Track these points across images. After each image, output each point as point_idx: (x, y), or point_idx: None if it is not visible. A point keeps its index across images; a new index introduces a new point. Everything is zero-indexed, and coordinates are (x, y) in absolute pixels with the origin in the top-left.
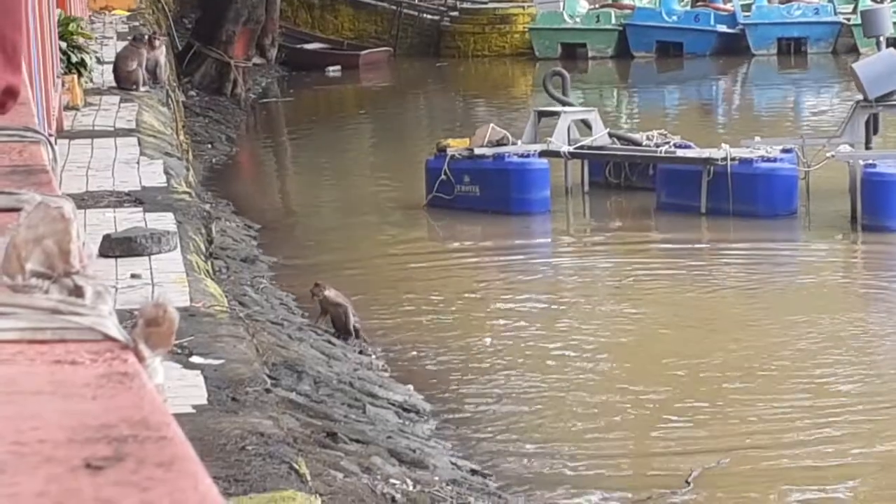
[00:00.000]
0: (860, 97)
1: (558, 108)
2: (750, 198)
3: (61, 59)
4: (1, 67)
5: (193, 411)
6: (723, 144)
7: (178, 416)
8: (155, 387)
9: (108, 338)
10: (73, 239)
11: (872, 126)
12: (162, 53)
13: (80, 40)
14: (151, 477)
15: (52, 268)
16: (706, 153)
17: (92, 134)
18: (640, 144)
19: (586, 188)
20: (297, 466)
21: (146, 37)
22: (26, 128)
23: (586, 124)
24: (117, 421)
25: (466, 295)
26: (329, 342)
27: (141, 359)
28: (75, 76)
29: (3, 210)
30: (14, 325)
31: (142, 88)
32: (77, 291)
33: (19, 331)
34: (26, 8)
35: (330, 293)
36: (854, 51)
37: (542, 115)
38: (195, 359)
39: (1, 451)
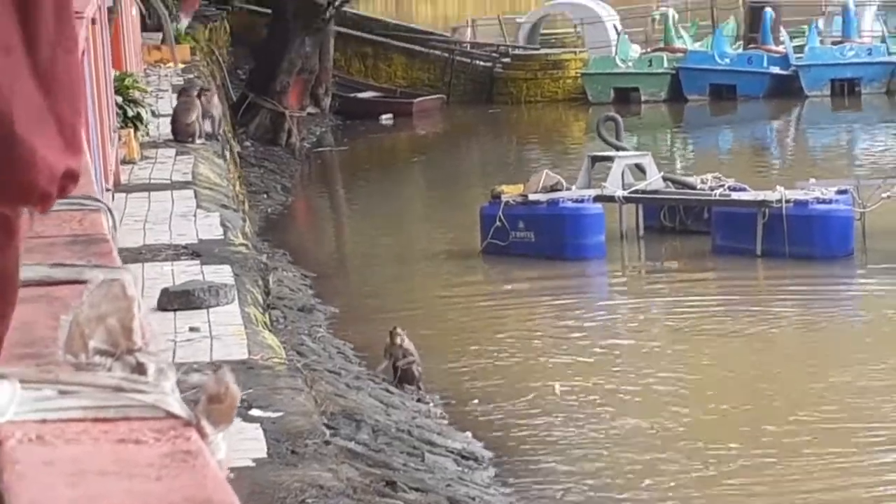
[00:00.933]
0: None
1: (612, 153)
2: (806, 239)
3: (117, 114)
4: (61, 152)
5: (253, 465)
6: (777, 186)
7: (237, 470)
8: (217, 463)
9: (171, 415)
10: (136, 316)
11: None
12: (214, 106)
13: (136, 94)
14: None
15: (115, 345)
16: (761, 196)
17: (149, 187)
18: (694, 188)
19: (641, 232)
20: None
21: (199, 88)
22: (86, 196)
23: (640, 169)
24: (181, 501)
25: (523, 341)
26: (387, 391)
27: (203, 436)
28: (131, 130)
29: (66, 283)
30: (78, 403)
31: (198, 141)
32: (140, 369)
33: (83, 409)
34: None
35: (405, 341)
36: None
37: (595, 160)
38: (254, 412)
39: None
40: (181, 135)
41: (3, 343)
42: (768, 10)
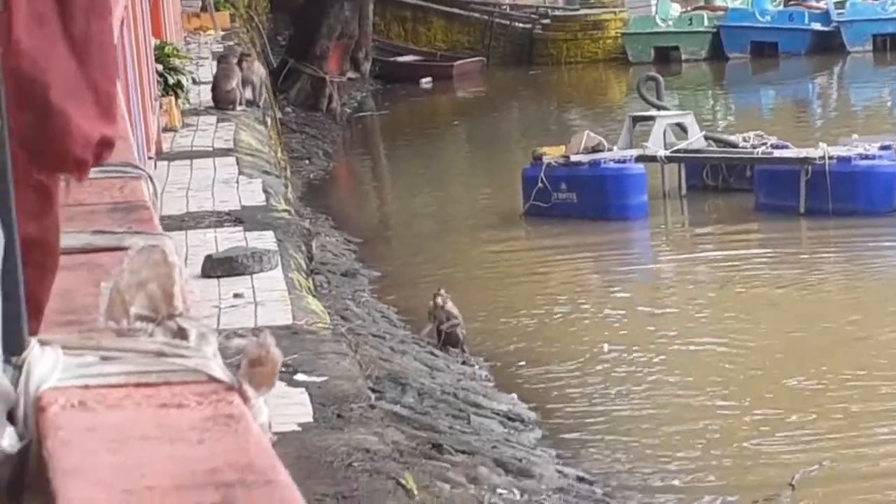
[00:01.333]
0: None
1: (653, 113)
2: (849, 196)
3: (158, 82)
4: (96, 119)
5: (299, 429)
6: (820, 143)
7: (284, 435)
8: (260, 426)
9: (213, 379)
10: (176, 282)
11: None
12: (255, 73)
13: (176, 62)
14: None
15: (156, 311)
16: (804, 153)
17: (191, 155)
18: (736, 146)
19: (684, 192)
20: (403, 482)
21: (238, 55)
22: (126, 163)
23: (682, 128)
24: (224, 465)
25: (568, 302)
26: (432, 353)
27: (246, 399)
28: (172, 98)
29: (106, 250)
30: (120, 369)
31: (238, 108)
32: (181, 334)
33: (125, 374)
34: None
35: (448, 304)
36: None
37: (637, 119)
38: (299, 377)
39: (111, 500)
40: (222, 102)
41: (45, 310)
42: None
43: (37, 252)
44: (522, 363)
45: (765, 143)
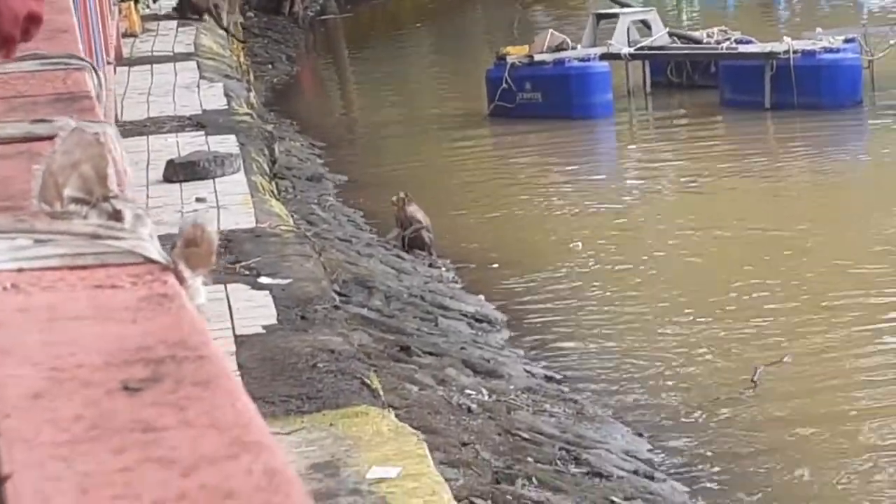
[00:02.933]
0: None
1: (617, 10)
2: (814, 90)
3: None
4: None
5: (263, 331)
6: (785, 38)
7: (248, 337)
8: (196, 307)
9: (148, 260)
10: (110, 163)
11: None
12: None
13: None
14: (189, 396)
15: (90, 193)
16: (768, 47)
17: (151, 60)
18: (700, 42)
19: (648, 89)
20: (368, 381)
21: None
22: (69, 55)
23: (646, 25)
24: (156, 343)
25: (535, 202)
26: (398, 256)
27: (181, 280)
28: (132, 3)
29: (43, 139)
30: (54, 251)
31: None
32: (116, 216)
33: (59, 257)
34: None
35: (411, 207)
36: None
37: (600, 17)
38: (263, 279)
39: (39, 378)
40: (189, 11)
41: None
42: None
43: None
44: (489, 264)
45: (729, 39)
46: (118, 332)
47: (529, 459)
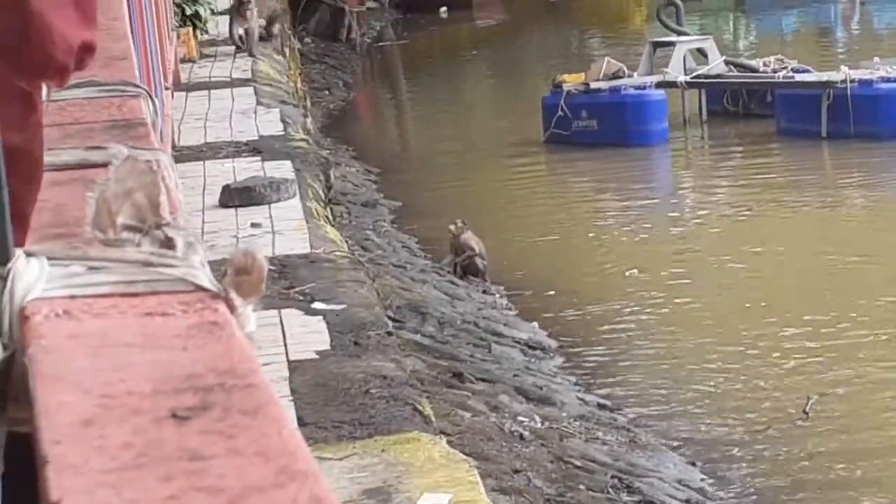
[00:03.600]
0: None
1: (673, 38)
2: (872, 119)
3: (175, 13)
4: (77, 24)
5: (317, 357)
6: (842, 67)
7: (301, 363)
8: (246, 335)
9: (199, 288)
10: (163, 191)
11: None
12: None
13: None
14: (236, 425)
15: (143, 220)
16: (825, 76)
17: (208, 85)
18: (757, 71)
19: (704, 117)
20: (420, 408)
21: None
22: (125, 82)
23: (702, 53)
24: (205, 371)
25: (590, 230)
26: (452, 283)
27: (232, 308)
28: (190, 29)
29: (97, 166)
30: (106, 278)
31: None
32: (168, 243)
33: (112, 284)
34: None
35: (465, 235)
36: None
37: (657, 45)
38: (317, 305)
39: (89, 405)
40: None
41: (35, 224)
42: None
43: (21, 162)
44: (543, 291)
45: (785, 68)
46: (168, 359)
47: (581, 487)
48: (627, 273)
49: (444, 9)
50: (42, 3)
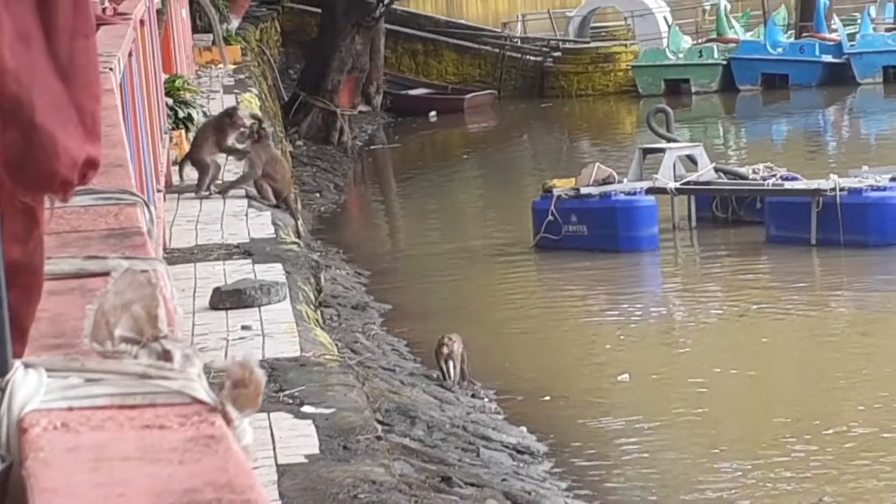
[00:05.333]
0: None
1: (663, 145)
2: (861, 228)
3: (168, 115)
4: (82, 139)
5: (306, 461)
6: (831, 175)
7: (290, 466)
8: (242, 448)
9: (196, 401)
10: (161, 303)
11: None
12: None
13: (187, 96)
14: None
15: (141, 333)
16: (814, 184)
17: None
18: (746, 178)
19: (694, 224)
20: None
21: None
22: (122, 190)
23: (692, 160)
24: (202, 485)
25: (579, 335)
26: (441, 387)
27: (229, 421)
28: (182, 131)
29: (95, 275)
30: (104, 390)
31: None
32: (165, 356)
33: (109, 396)
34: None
35: (452, 346)
36: None
37: (647, 152)
38: (306, 408)
39: None
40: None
41: (33, 334)
42: None
43: (21, 275)
44: (532, 395)
45: (774, 175)
46: (165, 473)
47: None
48: (619, 378)
49: (433, 113)
50: (47, 119)
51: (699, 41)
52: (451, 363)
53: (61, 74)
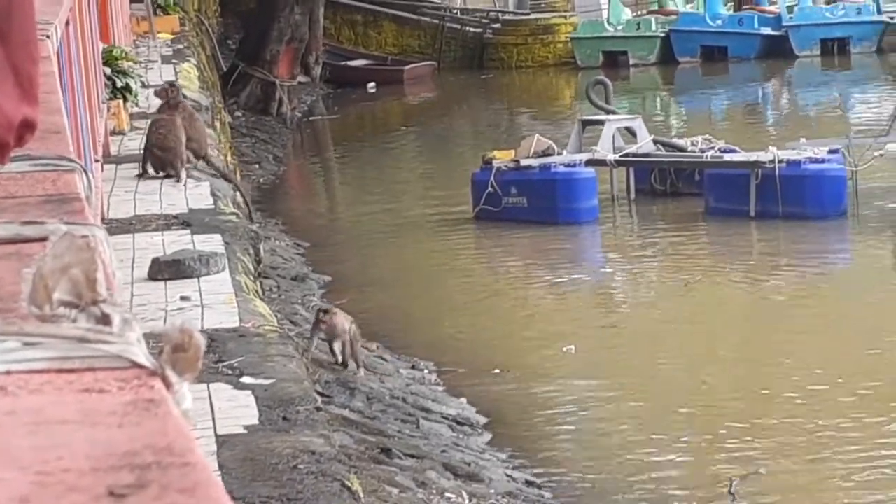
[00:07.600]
0: None
1: (603, 117)
2: (799, 200)
3: (106, 85)
4: (18, 101)
5: (245, 432)
6: (770, 147)
7: (229, 437)
8: (182, 413)
9: (135, 365)
10: (100, 267)
11: None
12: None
13: (125, 65)
14: (174, 503)
15: (80, 297)
16: (753, 156)
17: (138, 158)
18: (685, 150)
19: (632, 195)
20: (349, 483)
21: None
22: (60, 156)
23: (631, 132)
24: (142, 448)
25: (519, 307)
26: (381, 358)
27: (168, 385)
28: (121, 101)
29: (32, 240)
30: (42, 354)
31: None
32: (105, 320)
33: (48, 360)
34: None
35: (337, 319)
36: None
37: (586, 124)
38: (246, 379)
39: (25, 482)
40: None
41: None
42: None
43: None
44: (473, 367)
45: (713, 148)
46: (105, 436)
47: None
48: (564, 349)
49: (372, 84)
50: None
51: (640, 13)
52: (337, 343)
53: None
